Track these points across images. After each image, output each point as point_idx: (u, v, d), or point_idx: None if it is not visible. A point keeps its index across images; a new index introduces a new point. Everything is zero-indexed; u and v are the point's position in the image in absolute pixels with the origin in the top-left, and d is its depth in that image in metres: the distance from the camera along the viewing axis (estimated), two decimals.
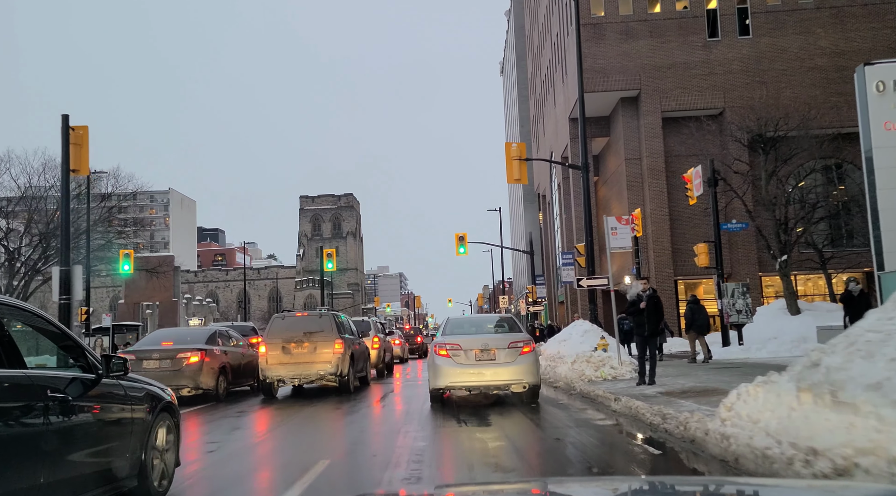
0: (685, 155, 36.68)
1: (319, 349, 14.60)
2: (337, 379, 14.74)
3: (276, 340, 14.83)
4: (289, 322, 15.48)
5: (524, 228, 71.90)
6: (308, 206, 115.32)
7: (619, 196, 38.96)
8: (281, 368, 14.66)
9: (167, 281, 66.06)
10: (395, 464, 6.89)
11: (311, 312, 16.88)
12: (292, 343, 14.68)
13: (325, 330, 14.94)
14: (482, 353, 11.21)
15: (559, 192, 47.27)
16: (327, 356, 14.55)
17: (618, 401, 10.07)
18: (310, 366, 14.60)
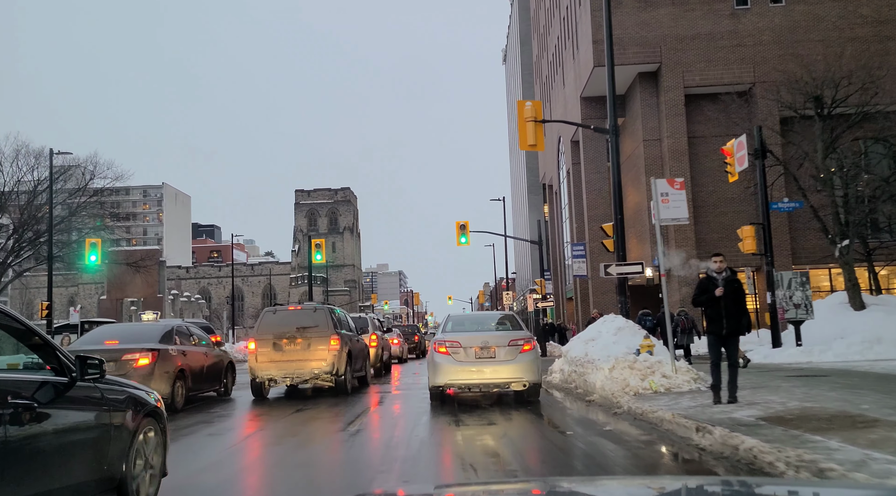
0: (710, 135, 33.35)
1: (314, 346, 13.60)
2: (333, 379, 13.73)
3: (267, 336, 13.83)
4: (280, 316, 14.37)
5: (528, 222, 68.53)
6: (304, 200, 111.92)
7: (636, 182, 35.57)
8: (272, 367, 13.62)
9: (151, 276, 62.69)
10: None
11: (305, 306, 15.30)
12: (284, 339, 13.67)
13: (320, 325, 13.88)
14: (482, 351, 11.20)
15: (568, 180, 43.86)
16: (322, 354, 13.56)
17: (705, 434, 6.66)
18: (303, 365, 13.59)
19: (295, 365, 13.58)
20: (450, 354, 11.25)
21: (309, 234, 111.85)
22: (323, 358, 13.56)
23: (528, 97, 67.63)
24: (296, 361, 13.59)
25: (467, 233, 33.70)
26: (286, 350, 13.64)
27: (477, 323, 13.10)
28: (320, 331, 13.79)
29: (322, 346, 13.58)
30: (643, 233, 34.42)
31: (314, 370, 13.61)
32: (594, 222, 37.22)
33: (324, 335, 13.70)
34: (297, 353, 13.62)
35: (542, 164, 56.77)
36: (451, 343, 11.34)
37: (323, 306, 14.79)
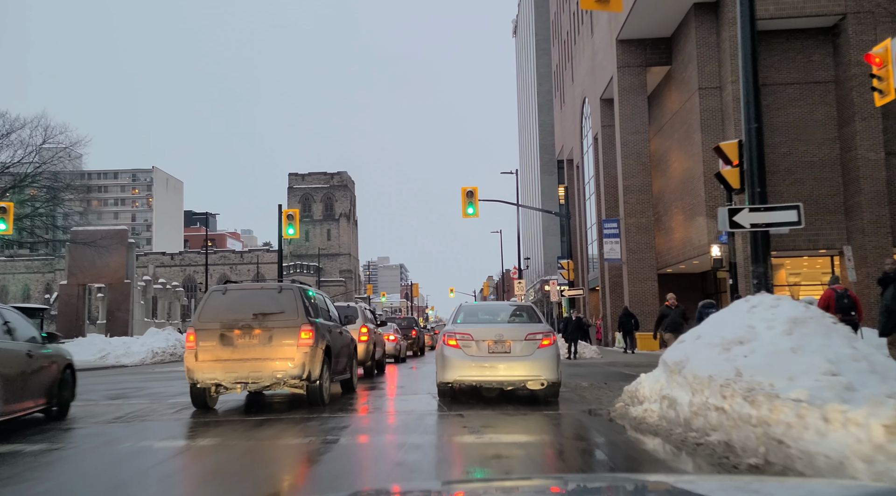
0: (784, 83, 26.41)
1: (278, 339, 10.00)
2: (303, 384, 10.06)
3: (212, 325, 10.15)
4: (233, 298, 10.54)
5: (539, 204, 61.58)
6: (297, 184, 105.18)
7: (686, 142, 28.61)
8: (217, 368, 9.95)
9: (118, 259, 55.75)
10: None
11: (267, 284, 11.39)
12: (236, 330, 10.06)
13: (287, 311, 10.23)
14: (496, 345, 10.29)
15: (595, 148, 36.85)
16: (289, 350, 9.96)
17: None
18: (262, 365, 9.91)
19: (251, 365, 9.90)
20: (460, 348, 10.43)
21: (303, 220, 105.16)
22: (290, 356, 9.94)
23: (542, 65, 60.69)
24: (252, 360, 9.91)
25: (475, 202, 26.85)
26: (239, 344, 10.01)
27: (491, 314, 12.00)
28: (287, 318, 10.15)
29: (289, 340, 10.00)
30: (696, 206, 27.51)
31: (277, 373, 9.90)
32: (632, 194, 30.36)
33: (292, 325, 10.10)
34: (253, 349, 9.99)
35: (560, 136, 49.78)
36: (461, 335, 10.50)
37: (291, 285, 10.84)
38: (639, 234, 30.21)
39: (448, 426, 8.52)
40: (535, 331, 10.47)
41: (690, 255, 28.45)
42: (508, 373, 10.21)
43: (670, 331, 15.82)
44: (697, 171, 27.18)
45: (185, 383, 10.41)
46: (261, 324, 9.98)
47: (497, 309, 12.98)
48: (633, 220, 30.29)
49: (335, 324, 11.91)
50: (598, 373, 16.99)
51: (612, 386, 12.86)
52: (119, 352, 32.55)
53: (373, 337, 17.25)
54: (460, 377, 10.38)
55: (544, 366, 10.20)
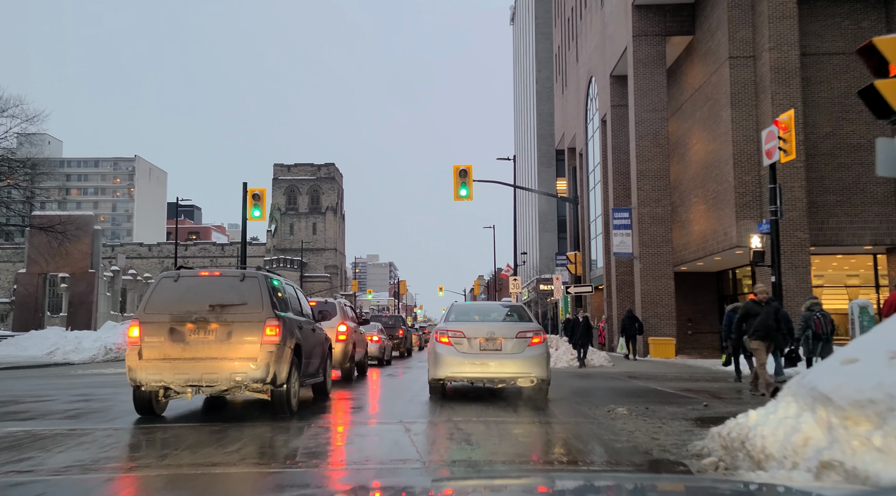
0: (828, 53, 22.96)
1: (238, 335, 8.49)
2: (267, 388, 8.60)
3: (160, 317, 8.61)
4: (186, 286, 8.90)
5: (537, 204, 57.98)
6: (283, 175, 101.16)
7: (710, 122, 25.09)
8: (165, 368, 8.41)
9: (82, 247, 51.81)
10: None
11: (227, 272, 9.42)
12: (189, 323, 8.52)
13: (250, 302, 8.64)
14: (487, 342, 10.47)
15: (603, 131, 33.28)
16: (250, 348, 8.45)
17: None
18: (218, 366, 8.39)
19: (205, 365, 8.38)
20: (453, 345, 10.52)
21: (287, 213, 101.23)
22: (251, 355, 8.41)
23: (542, 51, 57.15)
24: (206, 360, 8.39)
25: (469, 183, 23.20)
26: (191, 341, 8.48)
27: (482, 313, 12.11)
28: (249, 311, 8.61)
29: (251, 336, 8.48)
30: (722, 193, 23.98)
31: (236, 375, 8.40)
32: (647, 180, 26.78)
33: (255, 319, 8.55)
34: (209, 347, 8.44)
35: (561, 123, 46.19)
36: (454, 333, 10.58)
37: (256, 273, 9.29)
38: (653, 226, 26.66)
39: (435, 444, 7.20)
40: (525, 329, 10.65)
41: (713, 250, 24.92)
42: (499, 369, 10.36)
43: (760, 337, 11.93)
44: (725, 153, 23.66)
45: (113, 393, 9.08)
46: (218, 317, 8.55)
47: (489, 308, 13.13)
48: (648, 210, 26.74)
49: (307, 321, 10.39)
50: (625, 390, 13.41)
51: (657, 412, 9.33)
52: (69, 347, 28.85)
53: (352, 336, 15.34)
54: (452, 374, 10.53)
55: (534, 363, 10.39)
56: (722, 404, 10.56)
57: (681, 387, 13.84)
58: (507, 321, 11.41)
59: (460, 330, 10.57)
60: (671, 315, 26.29)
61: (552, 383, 11.34)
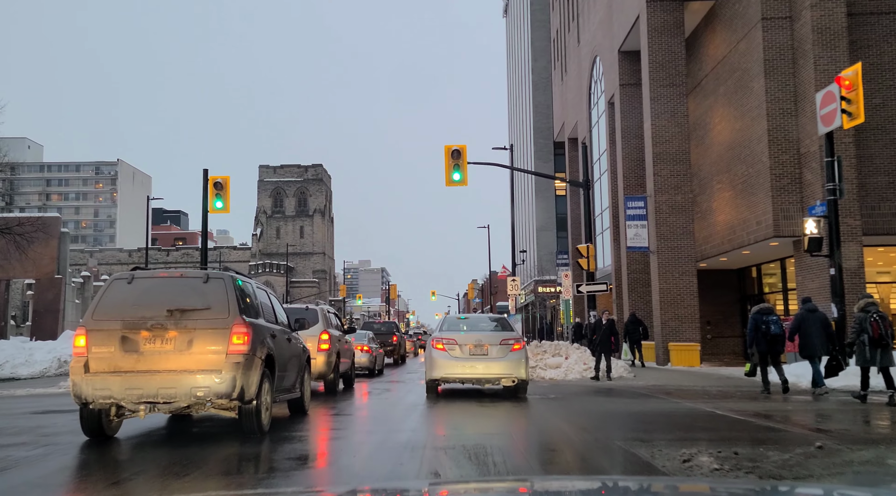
0: (878, 12, 19.92)
1: (200, 344, 7.58)
2: (234, 405, 7.69)
3: (111, 324, 7.64)
4: (141, 288, 7.92)
5: (534, 206, 54.82)
6: (269, 176, 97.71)
7: (738, 96, 21.98)
8: (115, 382, 7.44)
9: (47, 251, 48.13)
10: None
11: (190, 271, 8.42)
12: (143, 330, 7.60)
13: (215, 306, 7.74)
14: (476, 348, 12.09)
15: (610, 114, 30.14)
16: (214, 359, 7.54)
17: None
18: (177, 379, 7.49)
19: (161, 379, 7.41)
20: (446, 351, 12.06)
21: (274, 216, 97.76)
22: (216, 367, 7.47)
23: (538, 39, 54.07)
24: (164, 373, 7.44)
25: (462, 166, 20.04)
26: (146, 351, 7.53)
27: (471, 324, 13.68)
28: (214, 316, 7.65)
29: (215, 345, 7.55)
30: (755, 176, 20.87)
31: (198, 389, 7.41)
32: (664, 164, 23.64)
33: (220, 325, 7.61)
34: (166, 358, 7.50)
35: (560, 113, 43.05)
36: (447, 340, 12.18)
37: (222, 274, 8.19)
38: (673, 216, 23.49)
39: None
40: (508, 337, 12.51)
41: (742, 243, 21.79)
42: (486, 371, 12.15)
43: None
44: (757, 130, 20.54)
45: None
46: (178, 323, 7.66)
47: (477, 320, 14.73)
48: (666, 198, 23.57)
49: (282, 329, 9.53)
50: (672, 417, 10.25)
51: (760, 462, 6.14)
52: (19, 360, 25.46)
53: (336, 345, 14.40)
54: (446, 375, 12.29)
55: (515, 366, 12.22)
56: (834, 441, 7.34)
57: (742, 410, 10.66)
58: (492, 331, 12.98)
59: (453, 337, 12.25)
60: (694, 317, 23.12)
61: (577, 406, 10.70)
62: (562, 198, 53.99)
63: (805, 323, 13.32)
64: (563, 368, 19.20)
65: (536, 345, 20.43)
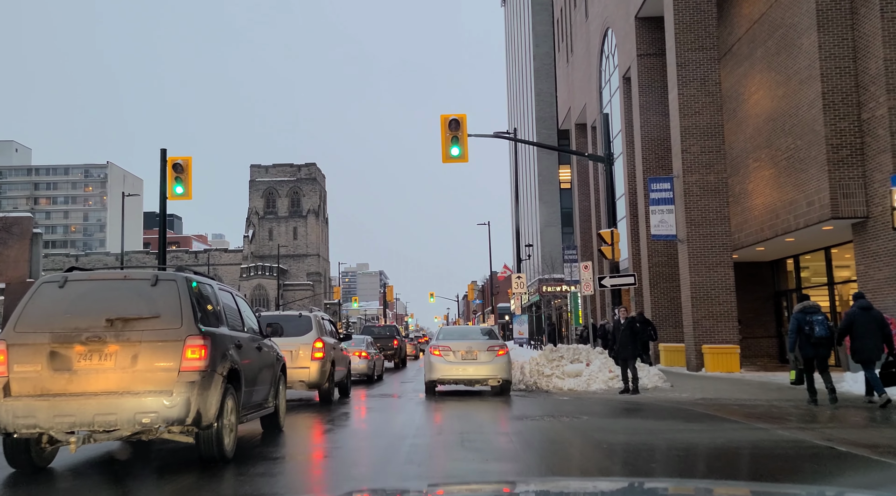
0: None
1: (146, 360, 6.56)
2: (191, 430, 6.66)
3: (37, 338, 6.64)
4: (76, 294, 6.83)
5: (538, 209, 51.78)
6: (261, 176, 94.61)
7: (780, 57, 18.96)
8: (42, 407, 6.42)
9: (17, 252, 45.19)
10: None
11: (135, 272, 7.30)
12: (77, 344, 6.56)
13: (164, 314, 6.74)
14: (467, 354, 14.35)
15: (626, 91, 27.08)
16: (163, 377, 6.53)
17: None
18: (118, 403, 6.42)
19: (98, 403, 6.39)
20: (442, 356, 14.32)
21: (266, 217, 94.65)
22: (165, 386, 6.47)
23: (540, 23, 51.08)
24: (101, 395, 6.40)
25: (462, 138, 16.99)
26: (80, 369, 6.48)
27: (463, 334, 16.43)
28: (163, 326, 6.66)
29: (165, 361, 6.53)
30: (800, 151, 17.85)
31: (144, 414, 6.41)
32: (694, 139, 20.62)
33: (171, 337, 6.61)
34: (104, 376, 6.48)
35: (566, 98, 40.02)
36: (443, 347, 14.42)
37: (174, 274, 7.06)
38: (705, 199, 20.42)
39: None
40: (494, 344, 14.60)
41: (787, 228, 18.74)
42: (476, 372, 14.25)
43: None
44: (808, 93, 17.49)
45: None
46: (120, 335, 6.52)
47: (468, 330, 17.74)
48: (696, 179, 20.50)
49: (251, 337, 8.30)
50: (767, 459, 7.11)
51: None
52: None
53: (331, 353, 13.89)
54: (442, 376, 14.37)
55: (501, 368, 14.33)
56: None
57: (847, 440, 7.59)
58: (481, 339, 15.07)
59: (448, 345, 14.50)
60: (731, 315, 20.05)
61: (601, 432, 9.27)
62: (567, 192, 50.94)
63: (857, 323, 11.28)
64: (584, 377, 16.11)
65: (551, 351, 17.32)
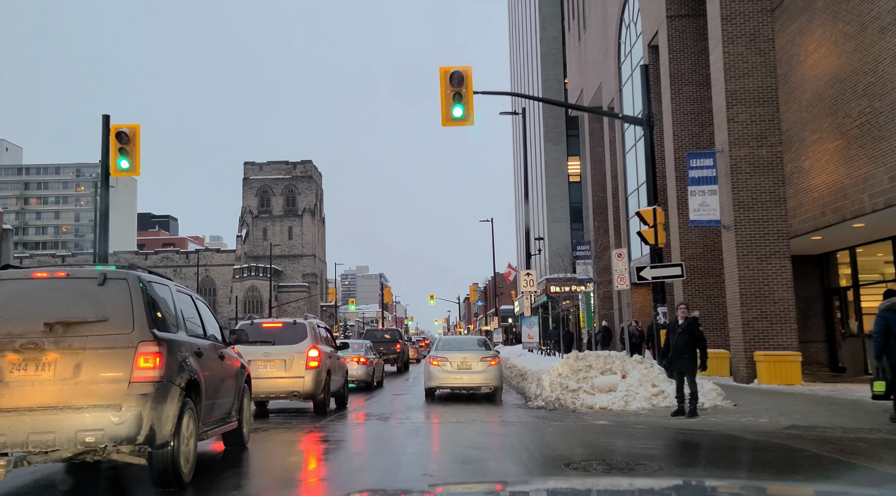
0: None
1: (90, 369, 5.87)
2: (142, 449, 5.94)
3: None
4: (9, 295, 6.24)
5: (543, 180, 48.53)
6: (254, 174, 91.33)
7: (850, 3, 15.62)
8: None
9: None
10: None
11: (78, 270, 6.59)
12: (9, 352, 5.90)
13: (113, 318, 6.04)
14: (462, 364, 15.43)
15: (654, 57, 23.78)
16: (111, 389, 5.84)
17: None
18: (56, 419, 5.75)
19: (33, 420, 5.70)
20: (439, 365, 15.48)
21: (260, 216, 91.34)
22: (113, 399, 5.77)
23: (549, 2, 47.87)
24: (37, 411, 5.74)
25: (467, 97, 13.74)
26: (12, 381, 5.83)
27: (459, 344, 17.29)
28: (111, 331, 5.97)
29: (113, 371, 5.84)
30: (877, 117, 14.55)
31: (87, 432, 5.66)
32: (742, 105, 17.39)
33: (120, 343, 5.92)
34: (41, 389, 5.80)
35: (578, 80, 36.74)
36: (441, 358, 15.57)
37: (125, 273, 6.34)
38: (756, 177, 17.15)
39: None
40: (486, 355, 15.74)
41: (861, 210, 15.48)
42: (470, 381, 15.39)
43: None
44: (891, 43, 14.18)
45: None
46: (60, 342, 5.87)
47: (463, 341, 18.52)
48: (746, 153, 17.22)
49: (213, 344, 7.65)
50: None
51: None
52: None
53: (326, 362, 12.98)
54: (440, 384, 15.51)
55: (492, 376, 15.37)
56: None
57: None
58: (475, 350, 16.30)
59: (445, 356, 15.68)
60: (788, 315, 16.78)
61: None
62: (576, 185, 47.70)
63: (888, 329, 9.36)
64: (620, 393, 12.83)
65: (576, 359, 14.00)
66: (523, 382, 17.83)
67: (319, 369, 12.49)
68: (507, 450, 8.51)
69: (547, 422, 10.97)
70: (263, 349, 12.23)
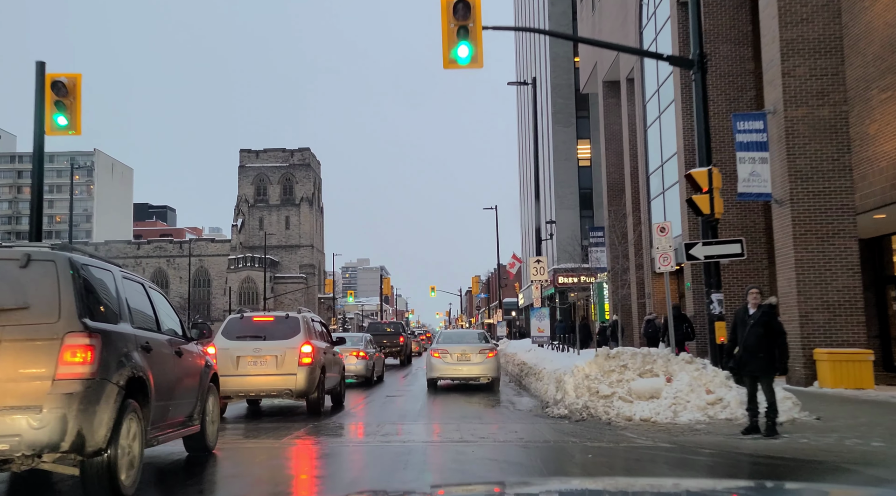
0: None
1: (5, 364, 5.17)
2: (75, 460, 5.41)
3: None
4: None
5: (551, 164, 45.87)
6: (250, 162, 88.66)
7: None
8: None
9: None
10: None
11: None
12: None
13: (36, 305, 5.34)
14: (462, 356, 16.44)
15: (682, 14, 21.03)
16: (32, 388, 5.16)
17: None
18: None
19: None
20: (440, 357, 16.43)
21: (256, 205, 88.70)
22: (32, 400, 5.14)
23: None
24: None
25: (475, 34, 11.01)
26: None
27: (459, 338, 18.46)
28: (32, 320, 5.31)
29: (33, 367, 5.21)
30: None
31: (3, 437, 5.04)
32: (799, 57, 14.72)
33: (42, 334, 5.27)
34: None
35: (590, 53, 34.00)
36: (441, 350, 16.60)
37: (53, 253, 5.57)
38: (816, 141, 14.50)
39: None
40: (484, 347, 16.84)
41: None
42: (469, 372, 16.43)
43: None
44: None
45: None
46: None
47: (463, 334, 20.40)
48: (804, 113, 14.57)
49: (168, 338, 6.97)
50: None
51: None
52: None
53: (321, 358, 12.33)
54: (441, 375, 16.51)
55: (490, 367, 16.49)
56: None
57: None
58: (474, 342, 17.37)
59: (446, 348, 16.71)
60: (855, 305, 14.22)
61: None
62: (586, 169, 45.03)
63: None
64: (666, 400, 10.23)
65: (607, 357, 11.36)
66: (537, 383, 15.24)
67: (313, 366, 11.96)
68: None
69: (578, 442, 8.39)
70: (254, 344, 11.62)
